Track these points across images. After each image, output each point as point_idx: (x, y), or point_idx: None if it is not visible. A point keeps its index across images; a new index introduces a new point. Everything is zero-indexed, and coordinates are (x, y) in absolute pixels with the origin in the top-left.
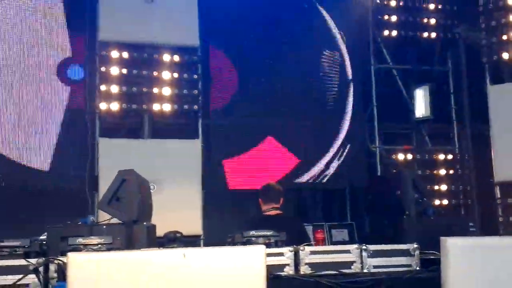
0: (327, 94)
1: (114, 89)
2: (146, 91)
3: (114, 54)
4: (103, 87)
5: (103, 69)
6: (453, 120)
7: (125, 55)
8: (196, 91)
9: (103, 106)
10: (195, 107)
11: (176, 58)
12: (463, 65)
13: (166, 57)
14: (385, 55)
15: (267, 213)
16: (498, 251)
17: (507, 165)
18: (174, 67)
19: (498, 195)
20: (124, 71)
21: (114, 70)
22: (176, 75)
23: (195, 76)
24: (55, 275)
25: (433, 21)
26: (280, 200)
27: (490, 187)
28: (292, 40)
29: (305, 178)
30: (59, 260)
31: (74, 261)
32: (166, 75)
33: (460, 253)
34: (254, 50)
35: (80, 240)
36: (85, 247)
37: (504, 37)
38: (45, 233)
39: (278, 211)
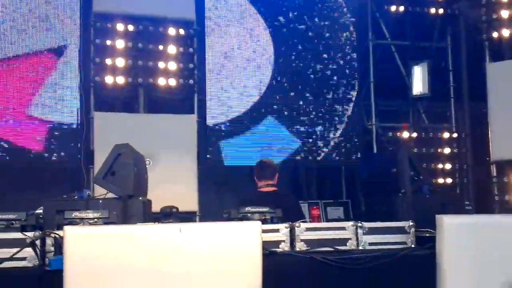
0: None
1: (109, 62)
2: (142, 64)
3: (109, 26)
4: (97, 60)
5: (98, 41)
6: (450, 98)
7: (120, 27)
8: (192, 65)
9: (97, 79)
10: (191, 81)
11: (172, 31)
12: (463, 42)
13: (162, 30)
14: (384, 30)
15: (263, 189)
16: (494, 230)
17: (504, 144)
18: (170, 40)
19: (494, 174)
20: (119, 43)
21: (109, 43)
22: (171, 48)
23: (191, 50)
24: (52, 248)
25: None
26: (275, 177)
27: (486, 165)
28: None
29: (301, 155)
30: (56, 233)
31: (71, 234)
32: (161, 48)
33: (455, 231)
34: None
35: (77, 214)
36: (82, 221)
37: (505, 14)
38: (41, 207)
39: (273, 188)
